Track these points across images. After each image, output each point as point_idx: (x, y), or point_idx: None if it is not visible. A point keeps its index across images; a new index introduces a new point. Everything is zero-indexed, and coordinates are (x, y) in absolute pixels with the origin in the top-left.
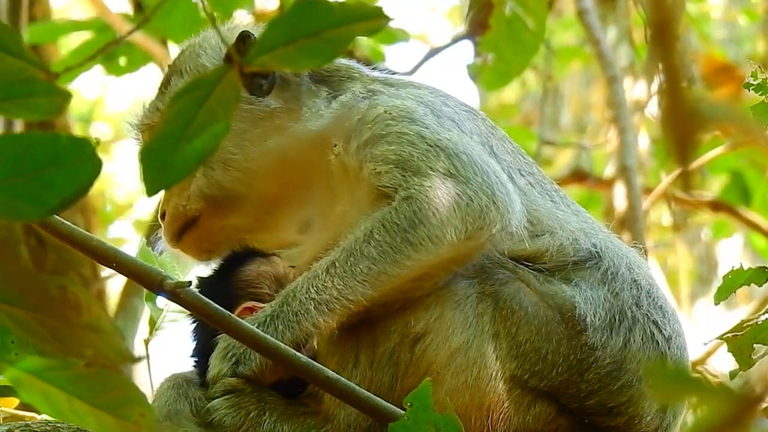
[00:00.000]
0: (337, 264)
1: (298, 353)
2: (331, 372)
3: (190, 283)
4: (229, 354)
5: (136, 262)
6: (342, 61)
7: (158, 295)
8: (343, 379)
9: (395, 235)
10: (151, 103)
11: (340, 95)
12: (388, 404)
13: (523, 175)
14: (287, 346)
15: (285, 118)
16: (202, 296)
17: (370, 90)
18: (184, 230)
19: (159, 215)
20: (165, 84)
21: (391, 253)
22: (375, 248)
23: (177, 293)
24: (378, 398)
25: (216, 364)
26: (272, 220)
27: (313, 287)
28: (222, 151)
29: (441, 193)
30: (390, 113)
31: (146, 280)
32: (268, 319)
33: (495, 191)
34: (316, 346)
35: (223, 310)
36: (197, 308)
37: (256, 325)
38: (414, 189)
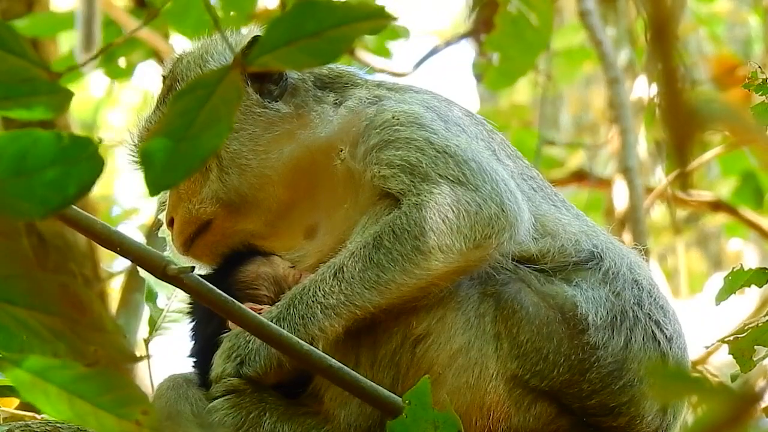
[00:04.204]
0: (345, 269)
1: (300, 341)
2: (333, 361)
3: (193, 268)
4: (234, 354)
5: (140, 246)
6: (342, 68)
7: (162, 279)
8: (346, 368)
9: (405, 243)
10: (149, 119)
11: (347, 101)
12: (391, 394)
13: (525, 180)
14: (290, 335)
15: (295, 123)
16: (206, 282)
17: (376, 95)
18: (197, 235)
19: (167, 222)
20: (165, 97)
21: (401, 262)
22: (384, 255)
23: (180, 278)
24: (381, 388)
25: (220, 364)
26: (282, 225)
27: (320, 291)
28: (237, 155)
29: (451, 200)
30: (398, 119)
31: (150, 265)
32: (274, 321)
33: (504, 199)
34: (320, 348)
35: (226, 296)
36: (200, 294)
37: None
38: (424, 196)
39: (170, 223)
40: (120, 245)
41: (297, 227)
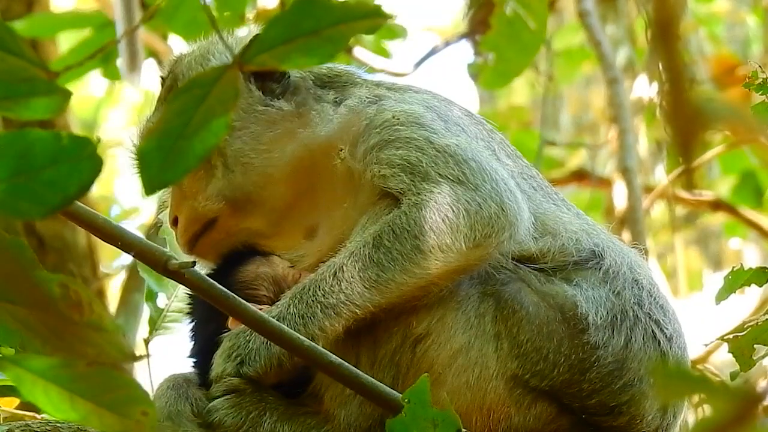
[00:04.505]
0: (345, 268)
1: (302, 337)
2: (334, 357)
3: (194, 263)
4: (234, 354)
5: (142, 240)
6: (342, 67)
7: (163, 274)
8: (346, 363)
9: (405, 242)
10: (149, 120)
11: (347, 100)
12: (391, 391)
13: (525, 179)
14: (291, 330)
15: (297, 122)
16: (207, 277)
17: (376, 95)
18: (202, 233)
19: (170, 221)
20: (165, 97)
21: (401, 261)
22: (384, 255)
23: (181, 273)
24: (381, 384)
25: (220, 363)
26: (284, 224)
27: (320, 290)
28: (240, 154)
29: (451, 199)
30: (398, 118)
31: (151, 260)
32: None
33: (504, 199)
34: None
35: (228, 291)
36: (201, 289)
37: None
38: (424, 195)
39: (174, 222)
40: (121, 239)
41: (297, 227)
